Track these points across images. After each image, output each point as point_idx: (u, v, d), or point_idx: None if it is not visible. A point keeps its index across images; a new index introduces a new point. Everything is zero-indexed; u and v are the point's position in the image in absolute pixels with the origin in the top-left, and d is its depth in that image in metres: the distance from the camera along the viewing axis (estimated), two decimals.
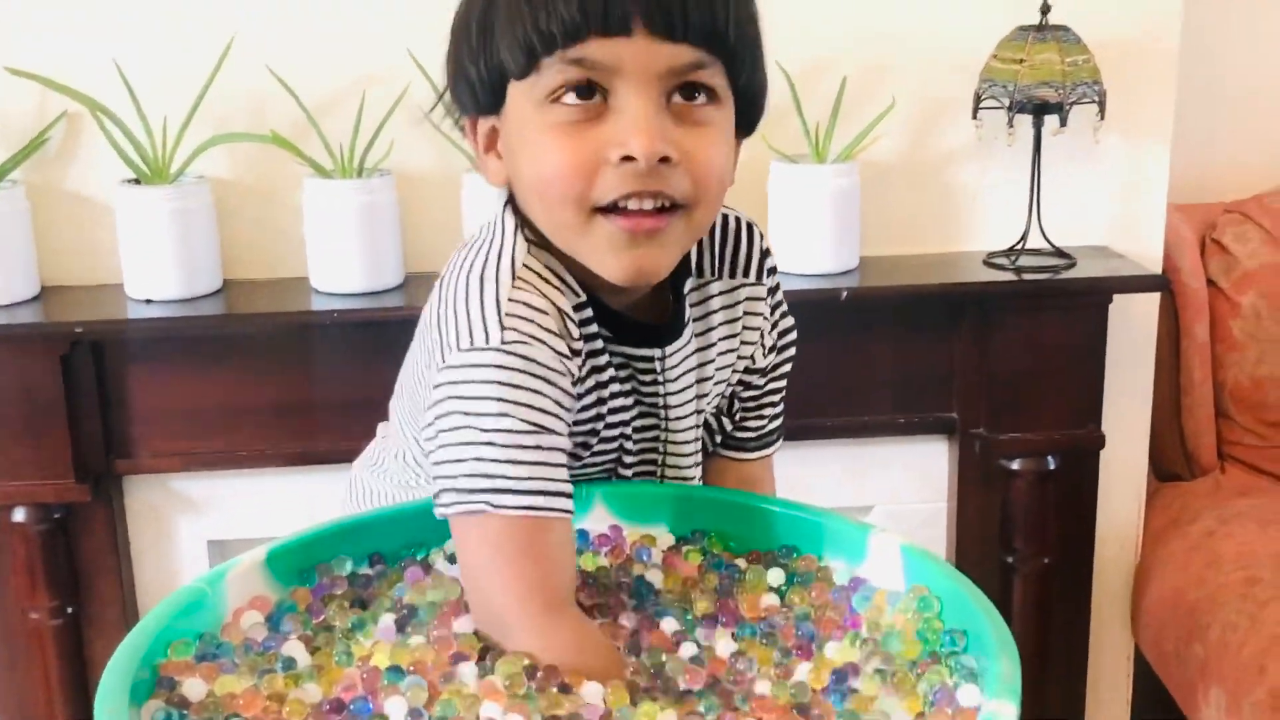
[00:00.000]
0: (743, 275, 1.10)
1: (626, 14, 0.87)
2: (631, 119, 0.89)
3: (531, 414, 0.90)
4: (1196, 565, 1.99)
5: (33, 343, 1.82)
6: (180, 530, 1.99)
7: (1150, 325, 2.10)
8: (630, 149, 0.89)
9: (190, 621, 0.91)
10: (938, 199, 2.02)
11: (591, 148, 0.90)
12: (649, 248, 0.93)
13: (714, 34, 0.90)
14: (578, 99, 0.90)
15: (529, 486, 0.90)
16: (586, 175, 0.91)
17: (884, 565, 0.98)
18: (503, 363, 0.90)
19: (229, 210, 1.92)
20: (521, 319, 0.92)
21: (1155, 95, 1.99)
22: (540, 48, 0.88)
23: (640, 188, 0.91)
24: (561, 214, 0.93)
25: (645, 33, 0.88)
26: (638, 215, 0.92)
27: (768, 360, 1.17)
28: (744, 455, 1.21)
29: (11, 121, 1.88)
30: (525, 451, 0.90)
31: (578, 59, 0.88)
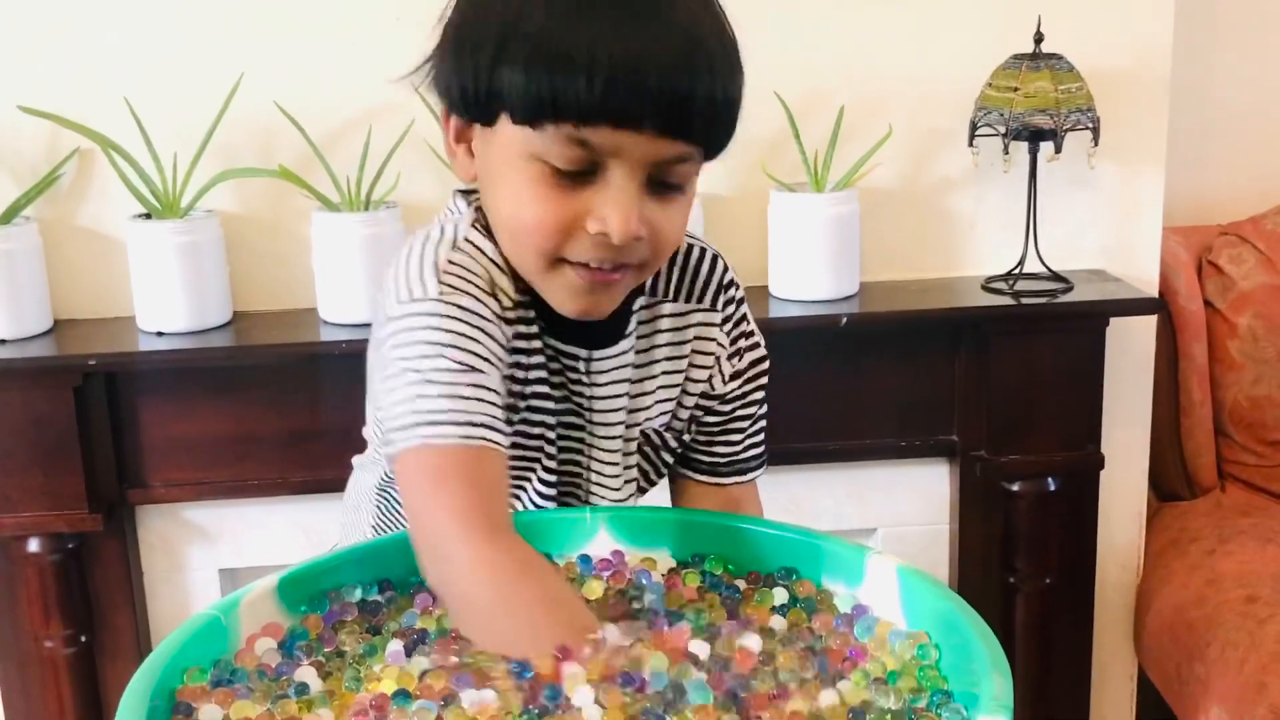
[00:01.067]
0: (696, 301, 1.13)
1: (643, 112, 0.90)
2: (615, 202, 0.93)
3: (464, 355, 0.96)
4: (1197, 584, 2.01)
5: (46, 375, 1.85)
6: (192, 559, 2.02)
7: (1148, 347, 2.12)
8: (609, 230, 0.94)
9: (204, 648, 0.93)
10: (936, 225, 2.05)
11: (572, 213, 0.95)
12: (600, 295, 1.00)
13: (711, 132, 0.94)
14: (569, 171, 0.93)
15: (462, 419, 0.94)
16: (562, 236, 0.96)
17: (881, 587, 1.00)
18: (437, 310, 0.97)
19: (238, 243, 1.95)
20: (457, 277, 0.99)
21: (1148, 121, 2.02)
22: (550, 115, 0.91)
23: (605, 259, 0.97)
24: (529, 257, 0.99)
25: (653, 130, 0.91)
26: (597, 271, 0.97)
27: (729, 387, 1.18)
28: (719, 480, 1.22)
29: (24, 159, 1.92)
30: (459, 388, 0.94)
31: (582, 140, 0.91)
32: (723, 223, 1.99)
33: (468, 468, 0.94)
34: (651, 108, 0.90)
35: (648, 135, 0.91)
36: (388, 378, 0.97)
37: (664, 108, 0.90)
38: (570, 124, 0.90)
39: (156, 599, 2.03)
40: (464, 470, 0.94)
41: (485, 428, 0.95)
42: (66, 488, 1.89)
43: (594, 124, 0.90)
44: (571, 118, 0.90)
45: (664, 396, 1.16)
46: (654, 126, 0.91)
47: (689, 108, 0.91)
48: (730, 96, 0.93)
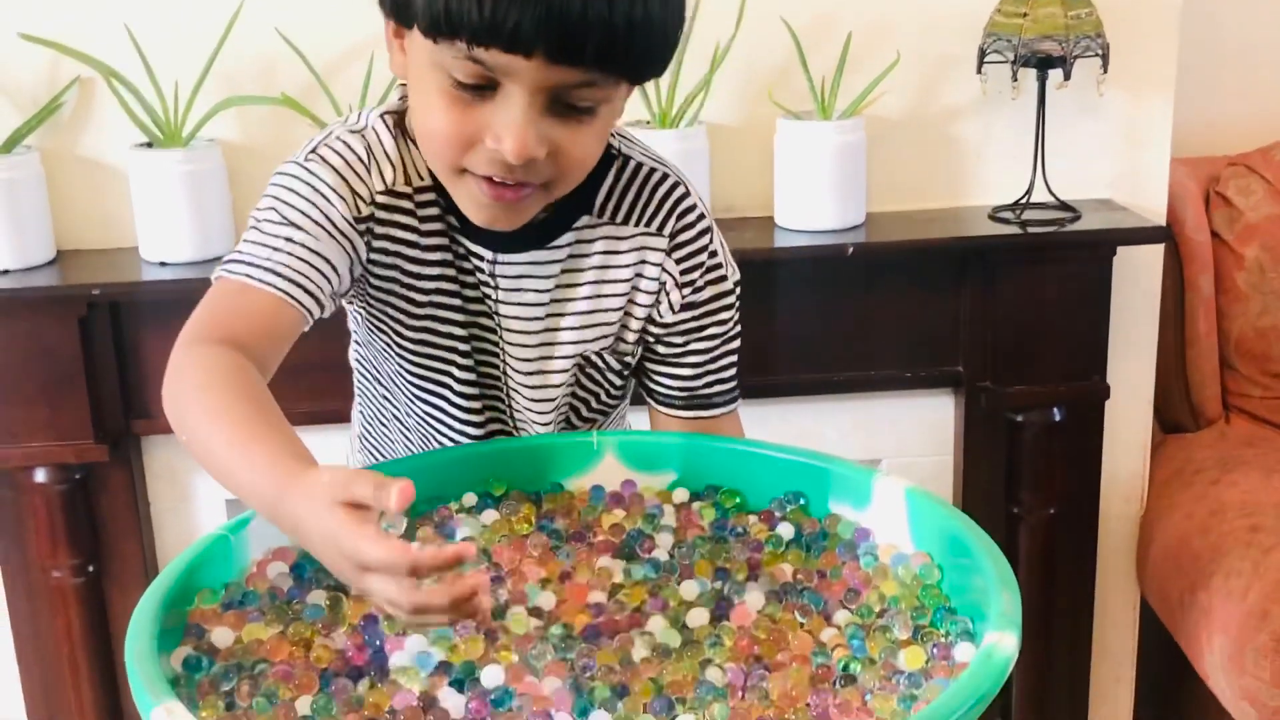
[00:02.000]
0: (642, 225, 1.12)
1: (531, 39, 0.88)
2: (510, 123, 0.93)
3: (290, 213, 1.02)
4: (1201, 514, 2.02)
5: (50, 306, 1.85)
6: (198, 489, 2.02)
7: (1154, 278, 2.11)
8: (502, 149, 0.94)
9: (213, 568, 0.93)
10: (943, 154, 2.04)
11: (472, 127, 0.95)
12: (506, 211, 1.01)
13: (612, 59, 0.92)
14: (468, 85, 0.94)
15: (259, 262, 1.00)
16: (463, 146, 0.97)
17: (888, 509, 1.00)
18: (292, 172, 1.04)
19: (241, 172, 1.94)
20: (330, 151, 1.05)
21: (1158, 48, 2.00)
22: (445, 31, 0.90)
23: (505, 175, 0.97)
24: (435, 162, 1.02)
25: (543, 57, 0.90)
26: (500, 186, 0.98)
27: (679, 317, 1.15)
28: (678, 413, 1.19)
29: (25, 88, 1.90)
30: (271, 239, 1.01)
31: (477, 59, 0.91)
32: (729, 151, 1.98)
33: (230, 297, 1.00)
34: (540, 34, 0.88)
35: (538, 60, 0.90)
36: (252, 216, 1.04)
37: (553, 34, 0.88)
38: (463, 42, 0.90)
39: (163, 529, 2.04)
40: (225, 298, 1.00)
41: (272, 273, 1.00)
42: (72, 418, 1.89)
43: (485, 45, 0.90)
44: (464, 37, 0.90)
45: (600, 320, 1.14)
46: (545, 53, 0.90)
47: (581, 34, 0.89)
48: (635, 20, 0.90)
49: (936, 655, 0.85)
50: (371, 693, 0.81)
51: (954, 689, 0.75)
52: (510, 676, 0.81)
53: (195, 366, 0.95)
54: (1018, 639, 0.80)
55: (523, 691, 0.80)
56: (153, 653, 0.81)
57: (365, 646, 0.85)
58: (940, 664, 0.84)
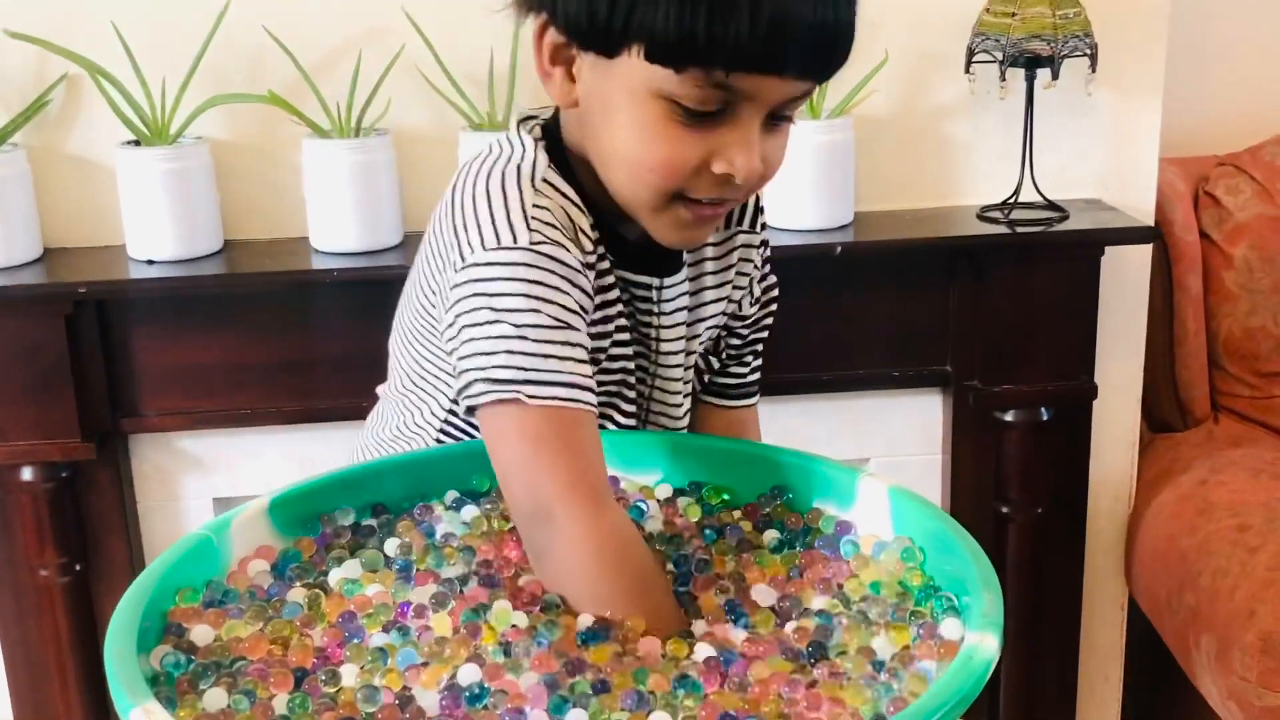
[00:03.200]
0: (738, 224, 1.14)
1: (792, 59, 0.88)
2: (743, 144, 0.92)
3: (558, 311, 0.94)
4: (1188, 514, 2.02)
5: (37, 304, 1.84)
6: (186, 488, 2.02)
7: (1142, 277, 2.11)
8: (735, 172, 0.93)
9: (196, 568, 0.93)
10: (931, 153, 2.04)
11: (698, 154, 0.93)
12: (705, 227, 1.01)
13: (837, 68, 0.94)
14: (699, 112, 0.91)
15: (560, 379, 0.93)
16: (685, 175, 0.94)
17: (872, 508, 1.00)
18: (531, 261, 0.94)
19: (228, 171, 1.94)
20: (546, 224, 0.96)
21: (1146, 48, 2.01)
22: (698, 59, 0.88)
23: (726, 196, 0.96)
24: (644, 193, 0.97)
25: (795, 74, 0.90)
26: (708, 206, 0.97)
27: (752, 311, 1.21)
28: (727, 403, 1.24)
29: (12, 85, 1.90)
30: (554, 346, 0.93)
31: (723, 84, 0.89)
32: None
33: (568, 431, 0.93)
34: (801, 54, 0.88)
35: (789, 79, 0.90)
36: (471, 324, 0.94)
37: (812, 53, 0.89)
38: (719, 69, 0.88)
39: (150, 528, 2.03)
40: (565, 434, 0.93)
41: (580, 389, 0.94)
42: (59, 416, 1.88)
43: (743, 70, 0.88)
44: (721, 64, 0.88)
45: (715, 323, 1.17)
46: (797, 72, 0.90)
47: (833, 51, 0.91)
48: (852, 26, 0.92)
49: (922, 635, 0.84)
50: (346, 691, 0.80)
51: (934, 690, 0.75)
52: (487, 674, 0.81)
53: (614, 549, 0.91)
54: (999, 640, 0.80)
55: (498, 689, 0.79)
56: (132, 653, 0.81)
57: (344, 644, 0.85)
58: (926, 643, 0.83)
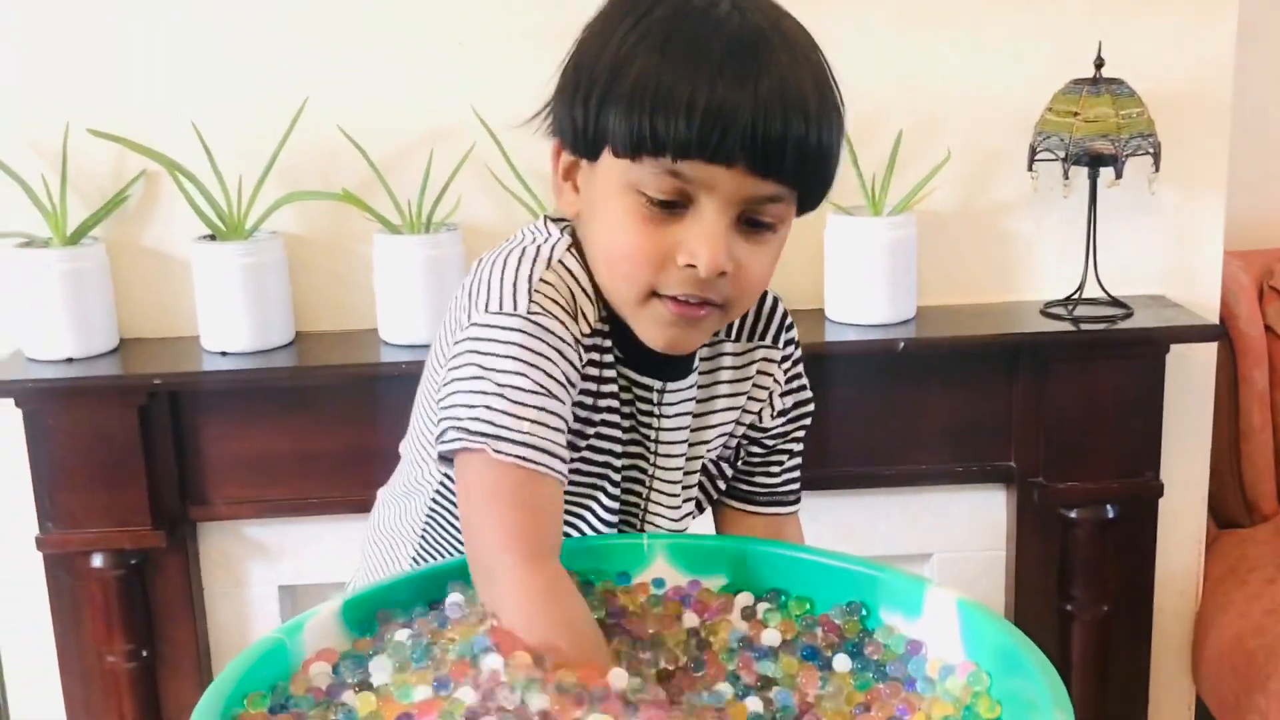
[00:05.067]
0: (759, 339, 1.18)
1: (734, 150, 0.94)
2: (705, 236, 0.98)
3: (542, 378, 0.99)
4: (1256, 613, 1.99)
5: (112, 394, 1.88)
6: (252, 575, 2.04)
7: (1208, 374, 2.10)
8: (697, 263, 0.98)
9: (267, 671, 0.94)
10: (994, 249, 2.05)
11: (665, 246, 0.99)
12: (687, 330, 1.04)
13: (801, 175, 0.98)
14: (663, 202, 0.98)
15: (528, 440, 0.97)
16: (654, 267, 1.00)
17: (940, 620, 1.00)
18: (525, 329, 1.00)
19: (301, 264, 1.98)
20: (547, 298, 1.02)
21: (1209, 145, 2.01)
22: (648, 148, 0.95)
23: (695, 291, 1.01)
24: (623, 287, 1.03)
25: (744, 168, 0.95)
26: (685, 305, 1.01)
27: (776, 423, 1.22)
28: (756, 509, 1.26)
29: (92, 181, 1.95)
30: (530, 410, 0.98)
31: (676, 172, 0.96)
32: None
33: (523, 490, 0.97)
34: (743, 146, 0.94)
35: (738, 172, 0.95)
36: (459, 379, 1.00)
37: (755, 147, 0.94)
38: (666, 158, 0.95)
39: (217, 614, 2.06)
40: (519, 492, 0.97)
41: (547, 454, 0.98)
42: (130, 504, 1.92)
43: (688, 159, 0.95)
44: (667, 152, 0.95)
45: (724, 430, 1.19)
46: (745, 164, 0.95)
47: (780, 148, 0.95)
48: (823, 143, 0.97)
49: None
50: None
51: None
52: None
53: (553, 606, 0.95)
54: None
55: None
56: None
57: None
58: None
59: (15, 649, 2.11)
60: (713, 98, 0.93)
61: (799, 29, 1.02)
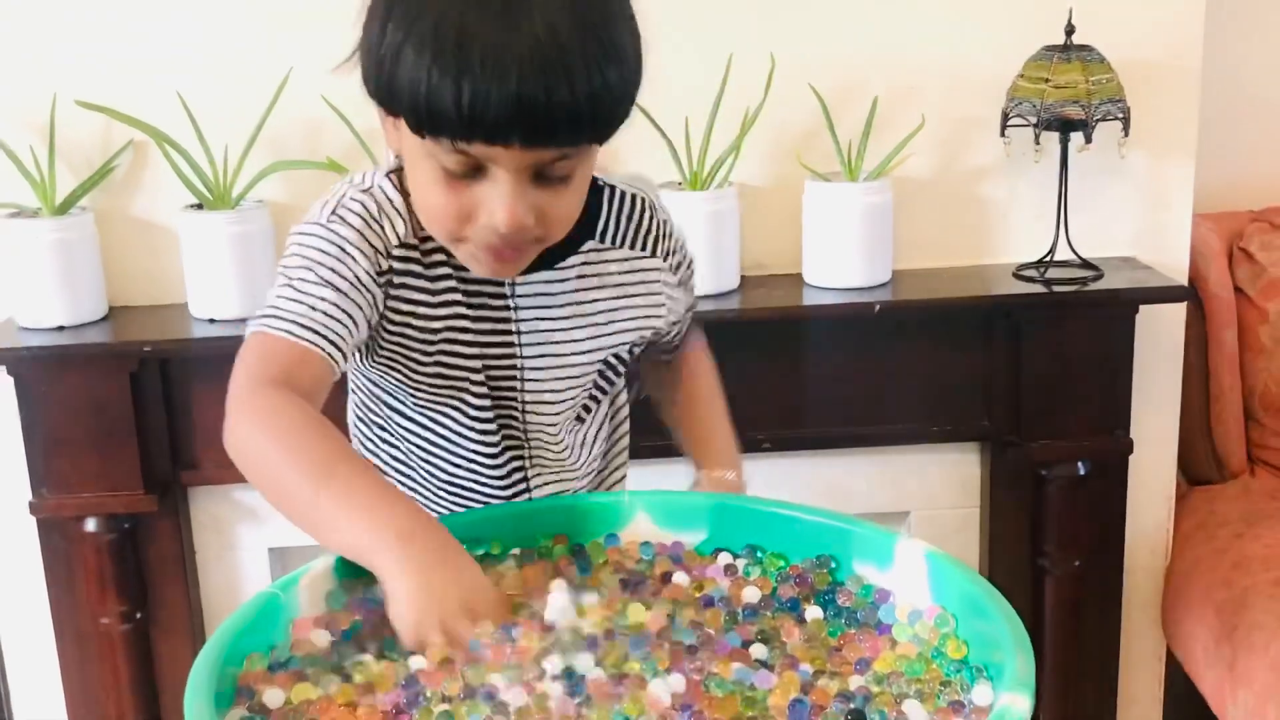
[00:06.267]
0: (640, 249, 1.24)
1: (506, 130, 0.99)
2: (499, 199, 1.03)
3: (324, 272, 1.09)
4: (1224, 567, 2.04)
5: (103, 361, 1.91)
6: (242, 538, 2.08)
7: (1177, 334, 2.15)
8: (495, 224, 1.04)
9: (264, 624, 0.97)
10: (968, 214, 2.08)
11: (467, 205, 1.05)
12: (505, 264, 1.11)
13: (580, 134, 1.03)
14: (459, 171, 1.03)
15: (301, 320, 1.06)
16: (460, 221, 1.06)
17: (909, 570, 1.04)
18: (318, 233, 1.11)
19: (287, 233, 2.00)
20: (349, 210, 1.12)
21: (1178, 111, 2.05)
22: (429, 130, 1.00)
23: (502, 244, 1.07)
24: (436, 233, 1.11)
25: (519, 143, 1.00)
26: (496, 249, 1.08)
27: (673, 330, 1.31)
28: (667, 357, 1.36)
29: (81, 151, 1.98)
30: (310, 299, 1.07)
31: (462, 150, 1.01)
32: (758, 211, 2.03)
33: (280, 355, 1.06)
34: (515, 125, 0.98)
35: (515, 147, 1.00)
36: (278, 276, 1.10)
37: (525, 123, 0.98)
38: (448, 139, 1.00)
39: (208, 577, 2.09)
40: (274, 354, 1.06)
41: (318, 334, 1.07)
42: (122, 469, 1.95)
43: (467, 140, 1.00)
44: (446, 135, 1.00)
45: (623, 330, 1.25)
46: (520, 140, 1.00)
47: (550, 119, 0.99)
48: (596, 91, 0.99)
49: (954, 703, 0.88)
50: None
51: None
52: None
53: (271, 408, 1.02)
54: (1030, 702, 0.83)
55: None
56: (211, 711, 0.85)
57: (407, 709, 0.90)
58: (955, 710, 0.87)
59: (10, 612, 2.15)
60: (477, 85, 0.96)
61: None
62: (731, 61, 1.93)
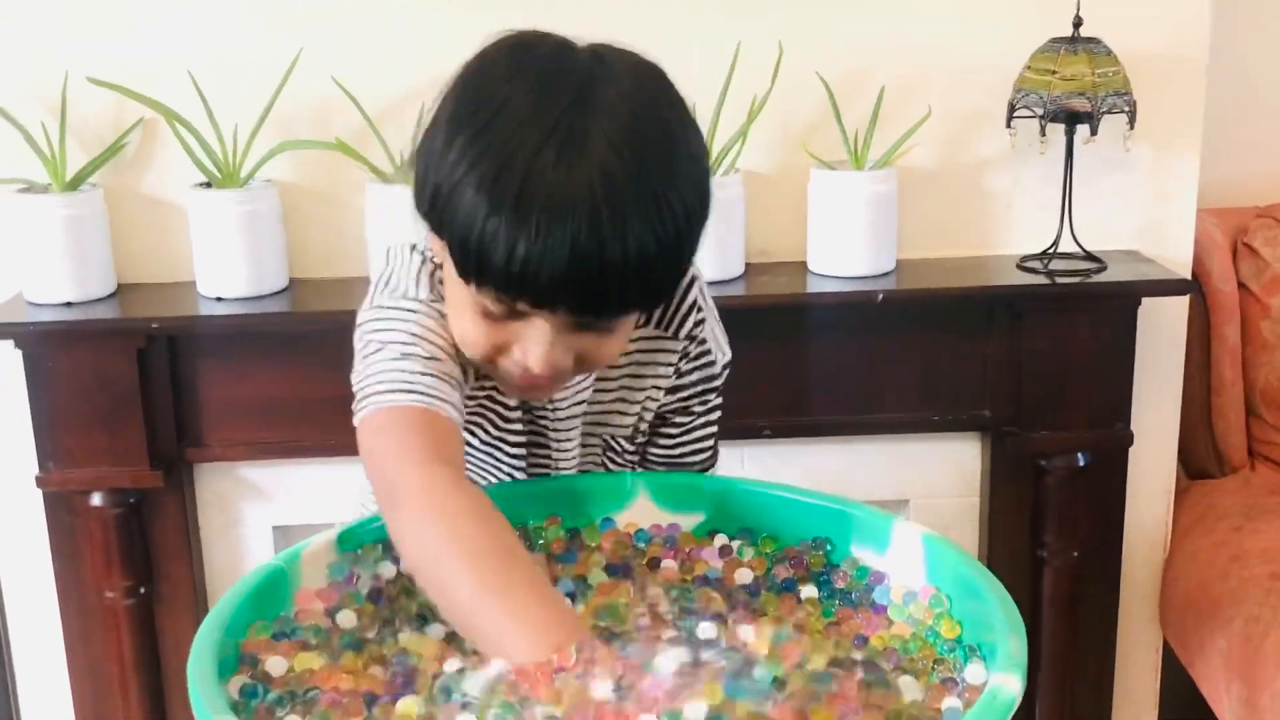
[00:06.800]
0: (663, 329, 1.20)
1: (557, 300, 0.97)
2: (536, 347, 1.01)
3: (435, 350, 1.06)
4: (1222, 560, 2.05)
5: (111, 337, 1.92)
6: (247, 516, 2.10)
7: (1179, 327, 2.15)
8: (530, 366, 1.02)
9: (267, 596, 0.99)
10: (973, 204, 2.09)
11: (503, 339, 1.03)
12: (538, 392, 1.11)
13: (629, 308, 1.02)
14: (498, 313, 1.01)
15: (423, 390, 1.03)
16: (494, 351, 1.05)
17: (906, 553, 1.05)
18: (424, 311, 1.08)
19: (295, 212, 2.02)
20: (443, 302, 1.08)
21: (1184, 104, 2.05)
22: (475, 280, 0.97)
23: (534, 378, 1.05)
24: (467, 353, 1.07)
25: (566, 313, 0.98)
26: (531, 377, 1.05)
27: (668, 399, 1.25)
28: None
29: (91, 128, 1.99)
30: (427, 368, 1.04)
31: (504, 301, 0.98)
32: (763, 199, 2.04)
33: (417, 420, 1.02)
34: (564, 295, 0.96)
35: (563, 313, 0.98)
36: (365, 355, 1.07)
37: (576, 293, 0.96)
38: (490, 290, 0.97)
39: (212, 553, 2.11)
40: (414, 421, 1.02)
41: (441, 400, 1.03)
42: (129, 445, 1.96)
43: (514, 299, 0.97)
44: (491, 288, 0.97)
45: (625, 411, 1.24)
46: (567, 309, 0.98)
47: (602, 289, 0.96)
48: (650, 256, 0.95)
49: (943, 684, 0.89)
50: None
51: None
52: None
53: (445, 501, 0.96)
54: (1022, 682, 0.85)
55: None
56: (214, 676, 0.87)
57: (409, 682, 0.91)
58: (948, 688, 0.88)
59: (16, 584, 2.16)
60: (530, 249, 0.92)
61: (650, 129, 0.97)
62: (739, 50, 1.94)
